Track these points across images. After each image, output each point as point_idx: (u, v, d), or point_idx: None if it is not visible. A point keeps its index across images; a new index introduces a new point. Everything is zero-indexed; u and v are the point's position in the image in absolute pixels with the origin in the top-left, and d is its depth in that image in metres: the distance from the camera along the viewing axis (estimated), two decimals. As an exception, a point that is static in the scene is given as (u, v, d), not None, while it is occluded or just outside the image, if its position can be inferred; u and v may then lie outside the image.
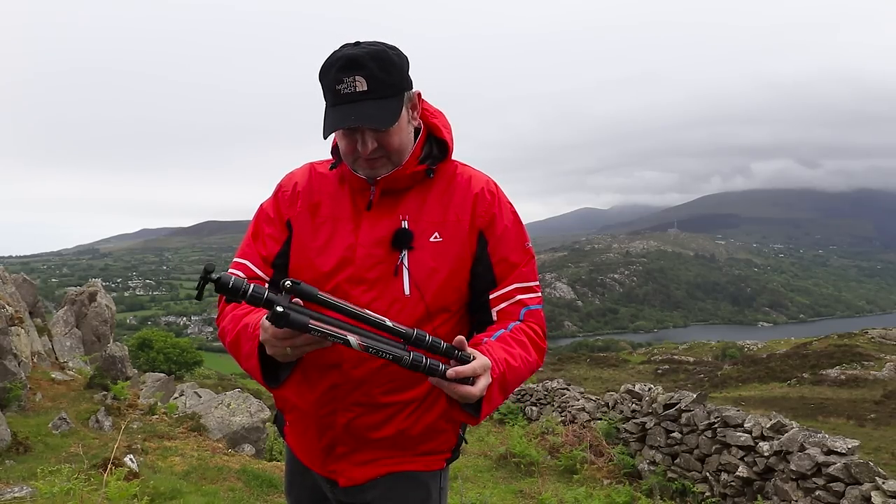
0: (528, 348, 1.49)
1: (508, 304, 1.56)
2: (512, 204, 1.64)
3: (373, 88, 1.41)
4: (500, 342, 1.45)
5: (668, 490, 7.08)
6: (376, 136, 1.46)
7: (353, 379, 1.51)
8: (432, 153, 1.60)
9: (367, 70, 1.40)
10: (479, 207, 1.57)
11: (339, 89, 1.41)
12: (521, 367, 1.44)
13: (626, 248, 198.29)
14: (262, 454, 7.44)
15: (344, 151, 1.52)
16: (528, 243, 1.63)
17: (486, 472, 7.90)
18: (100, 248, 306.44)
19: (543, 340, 1.56)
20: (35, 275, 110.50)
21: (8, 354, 6.66)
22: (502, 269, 1.56)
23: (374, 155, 1.48)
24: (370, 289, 1.51)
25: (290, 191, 1.65)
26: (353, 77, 1.40)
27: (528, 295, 1.58)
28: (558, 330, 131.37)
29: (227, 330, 1.51)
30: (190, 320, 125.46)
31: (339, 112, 1.42)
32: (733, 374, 26.08)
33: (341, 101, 1.42)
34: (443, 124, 1.62)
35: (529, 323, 1.55)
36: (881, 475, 5.20)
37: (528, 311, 1.56)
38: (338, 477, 1.61)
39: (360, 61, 1.40)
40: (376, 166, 1.50)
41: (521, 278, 1.58)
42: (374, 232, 1.53)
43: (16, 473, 4.98)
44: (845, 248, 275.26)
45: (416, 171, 1.55)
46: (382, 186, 1.53)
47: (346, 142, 1.49)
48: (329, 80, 1.43)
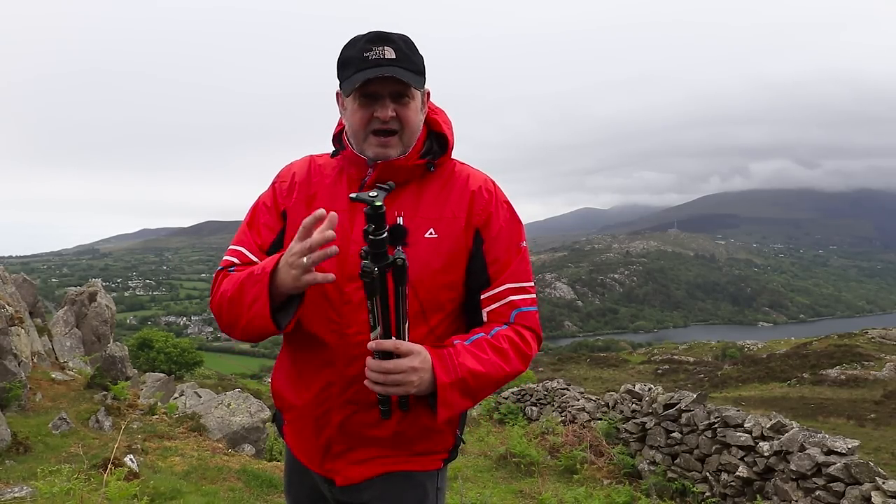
0: (506, 355, 1.48)
1: (499, 305, 1.55)
2: (509, 202, 1.64)
3: (400, 59, 1.45)
4: (472, 346, 1.45)
5: (668, 490, 7.08)
6: (396, 106, 1.48)
7: (346, 377, 1.52)
8: (433, 149, 1.61)
9: (395, 44, 1.46)
10: (476, 205, 1.57)
11: (368, 56, 1.44)
12: (490, 374, 1.44)
13: (626, 248, 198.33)
14: (262, 454, 7.43)
15: (358, 124, 1.51)
16: (523, 242, 1.63)
17: (486, 472, 7.90)
18: (100, 248, 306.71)
19: (529, 346, 1.53)
20: (35, 275, 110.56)
21: (8, 354, 6.66)
22: (496, 268, 1.56)
23: (391, 126, 1.48)
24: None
25: (287, 181, 1.65)
26: (383, 47, 1.44)
27: (521, 296, 1.57)
28: (558, 330, 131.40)
29: (226, 289, 1.50)
30: (190, 320, 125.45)
31: (370, 71, 1.44)
32: (733, 374, 26.10)
33: (370, 64, 1.44)
34: (443, 120, 1.63)
35: (518, 327, 1.54)
36: (881, 475, 5.20)
37: (519, 312, 1.55)
38: (335, 476, 1.61)
39: (390, 37, 1.46)
40: (389, 145, 1.50)
41: (513, 278, 1.57)
42: None
43: (16, 473, 4.98)
44: (845, 248, 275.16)
45: (416, 164, 1.56)
46: (381, 169, 1.52)
47: (362, 112, 1.49)
48: (356, 49, 1.46)
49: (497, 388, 1.51)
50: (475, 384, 1.42)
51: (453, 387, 1.38)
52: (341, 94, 1.54)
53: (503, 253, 1.57)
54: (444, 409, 1.40)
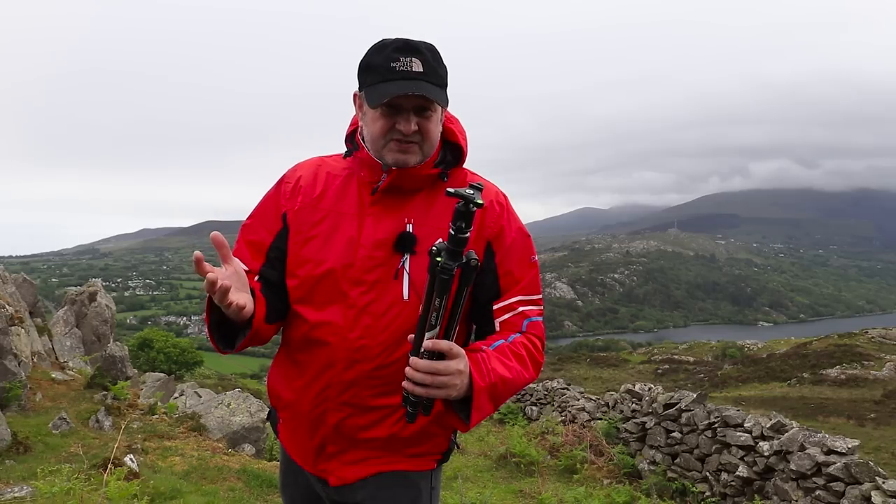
0: (525, 362, 1.49)
1: (512, 316, 1.56)
2: (519, 218, 1.65)
3: (427, 72, 1.45)
4: (498, 353, 1.46)
5: (668, 490, 7.08)
6: (418, 119, 1.47)
7: (344, 380, 1.52)
8: (446, 158, 1.60)
9: (423, 55, 1.45)
10: (487, 218, 1.56)
11: (395, 66, 1.43)
12: (515, 380, 1.45)
13: (626, 247, 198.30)
14: (262, 454, 7.43)
15: (378, 132, 1.49)
16: (534, 257, 1.64)
17: (486, 472, 7.90)
18: (100, 248, 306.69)
19: (541, 354, 1.56)
20: (35, 275, 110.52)
21: (8, 354, 6.66)
22: (508, 281, 1.57)
23: (412, 138, 1.48)
24: (369, 290, 1.50)
25: (292, 184, 1.64)
26: (411, 58, 1.43)
27: (531, 307, 1.58)
28: (558, 330, 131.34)
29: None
30: (190, 320, 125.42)
31: (397, 84, 1.42)
32: (733, 374, 26.09)
33: (397, 76, 1.43)
34: (458, 130, 1.62)
35: (530, 335, 1.56)
36: (881, 475, 5.20)
37: (529, 322, 1.57)
38: (328, 476, 1.61)
39: (418, 47, 1.45)
40: (410, 151, 1.50)
41: (525, 291, 1.58)
42: (377, 233, 1.52)
43: (16, 473, 4.98)
44: (845, 248, 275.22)
45: (430, 173, 1.55)
46: (394, 176, 1.52)
47: (384, 121, 1.48)
48: (383, 57, 1.44)
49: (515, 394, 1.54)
50: (503, 390, 1.43)
51: (487, 391, 1.38)
52: (360, 97, 1.53)
53: (516, 266, 1.58)
54: (476, 413, 1.39)
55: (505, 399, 1.47)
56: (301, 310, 1.57)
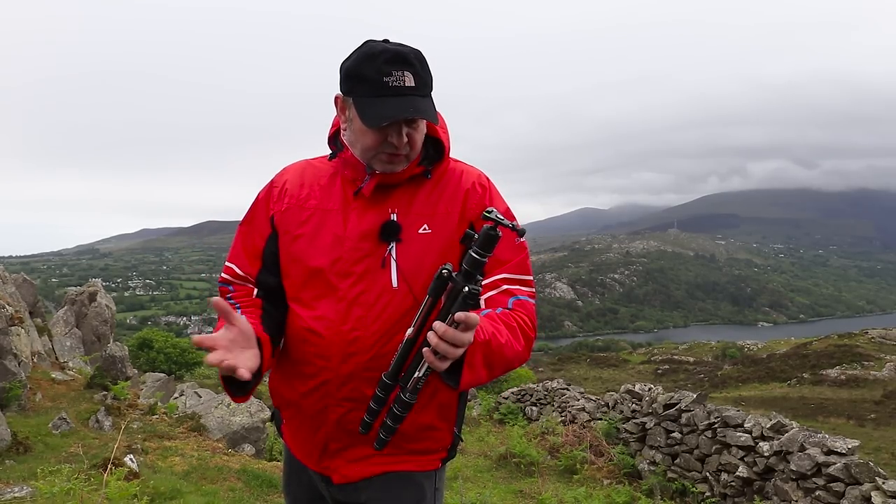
0: (516, 333, 1.43)
1: (496, 293, 1.52)
2: (504, 199, 1.64)
3: (418, 86, 1.45)
4: (487, 318, 1.40)
5: (668, 490, 7.08)
6: (408, 130, 1.48)
7: (341, 374, 1.52)
8: (429, 154, 1.61)
9: (413, 67, 1.44)
10: (470, 200, 1.57)
11: (388, 81, 1.42)
12: (507, 346, 1.38)
13: (626, 248, 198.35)
14: (263, 454, 7.44)
15: (369, 145, 1.50)
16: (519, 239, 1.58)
17: (486, 472, 7.90)
18: (100, 248, 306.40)
19: (533, 331, 1.50)
20: (35, 275, 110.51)
21: (8, 354, 6.66)
22: (492, 262, 1.50)
23: (403, 151, 1.49)
24: (358, 281, 1.51)
25: (279, 187, 1.66)
26: (403, 72, 1.43)
27: (518, 286, 1.55)
28: (558, 330, 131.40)
29: None
30: (190, 320, 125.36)
31: (392, 104, 1.42)
32: (733, 374, 26.11)
33: (391, 93, 1.43)
34: (440, 126, 1.63)
35: (518, 312, 1.50)
36: (881, 475, 5.20)
37: (516, 300, 1.52)
38: (332, 474, 1.61)
39: (408, 58, 1.44)
40: (396, 161, 1.52)
41: (510, 270, 1.55)
42: (362, 225, 1.54)
43: (16, 473, 4.98)
44: (845, 248, 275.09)
45: (413, 173, 1.57)
46: (379, 180, 1.54)
47: (375, 135, 1.48)
48: (374, 69, 1.43)
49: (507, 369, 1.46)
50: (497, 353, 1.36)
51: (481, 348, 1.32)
52: (346, 104, 1.53)
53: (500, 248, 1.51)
54: (468, 372, 1.32)
55: (498, 369, 1.39)
56: (295, 307, 1.58)
